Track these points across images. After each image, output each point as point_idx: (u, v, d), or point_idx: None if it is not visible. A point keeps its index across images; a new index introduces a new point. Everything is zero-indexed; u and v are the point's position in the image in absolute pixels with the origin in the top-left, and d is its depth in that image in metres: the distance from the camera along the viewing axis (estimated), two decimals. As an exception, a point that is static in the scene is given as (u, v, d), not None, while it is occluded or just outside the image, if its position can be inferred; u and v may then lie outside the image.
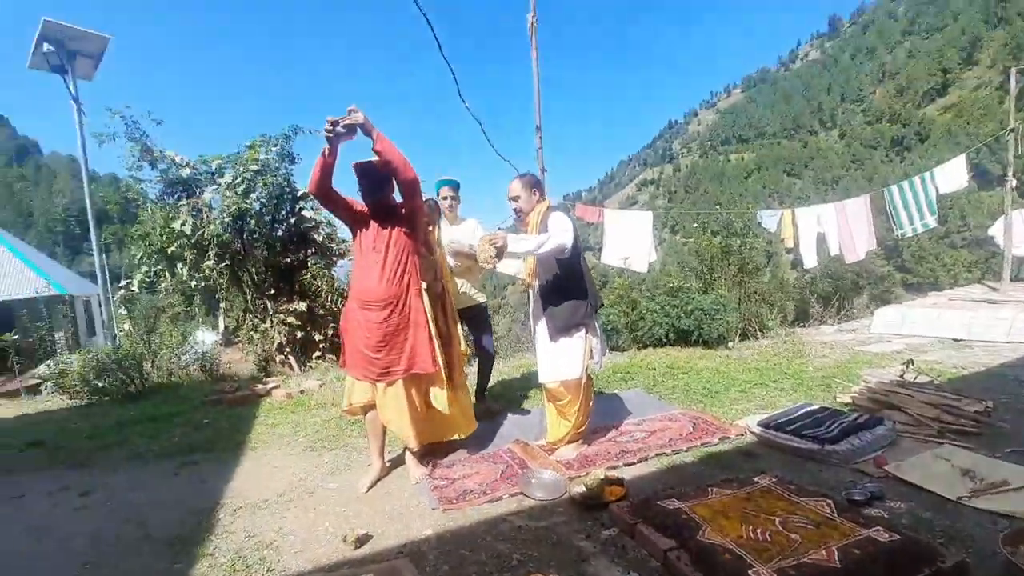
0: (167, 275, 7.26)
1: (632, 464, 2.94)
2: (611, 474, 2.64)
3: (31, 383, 6.35)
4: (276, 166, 7.15)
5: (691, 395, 4.23)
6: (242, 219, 6.98)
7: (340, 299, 7.64)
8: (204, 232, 6.82)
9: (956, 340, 5.57)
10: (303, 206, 7.39)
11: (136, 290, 7.59)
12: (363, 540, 2.28)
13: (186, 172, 7.02)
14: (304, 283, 7.79)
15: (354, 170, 2.75)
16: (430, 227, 3.38)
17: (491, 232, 2.84)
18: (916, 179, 7.37)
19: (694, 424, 3.46)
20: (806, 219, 7.77)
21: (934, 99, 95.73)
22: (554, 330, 2.99)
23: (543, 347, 3.07)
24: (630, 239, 7.73)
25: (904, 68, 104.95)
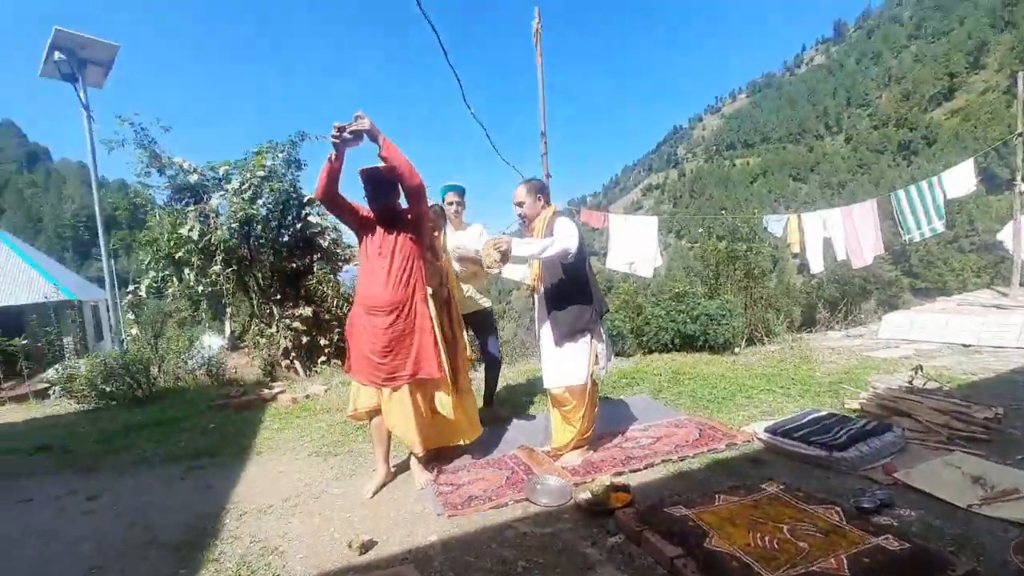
0: (174, 280, 7.32)
1: (638, 470, 2.92)
2: (617, 480, 2.62)
3: (39, 387, 6.41)
4: (283, 172, 7.20)
5: (697, 401, 4.21)
6: (249, 225, 7.04)
7: (345, 304, 7.67)
8: (211, 237, 6.88)
9: (965, 346, 5.53)
10: (309, 212, 7.43)
11: (144, 295, 7.65)
12: (368, 546, 2.27)
13: (194, 178, 7.09)
14: (310, 288, 7.82)
15: (360, 176, 2.77)
16: (435, 232, 3.39)
17: (495, 236, 2.84)
18: (923, 183, 7.34)
19: (700, 430, 3.44)
20: (812, 224, 7.74)
21: (941, 103, 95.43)
22: (559, 335, 2.98)
23: (548, 352, 3.06)
24: (635, 244, 7.73)
25: (910, 72, 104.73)
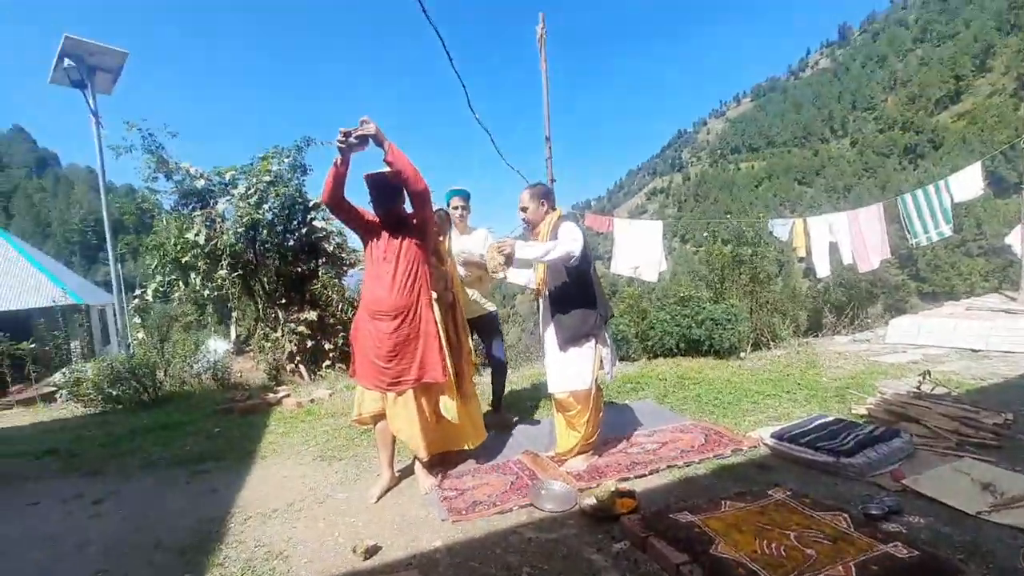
0: (181, 284, 7.38)
1: (643, 476, 2.91)
2: (622, 486, 2.61)
3: (46, 391, 6.45)
4: (288, 177, 7.25)
5: (703, 406, 4.18)
6: (254, 229, 7.08)
7: (350, 308, 7.69)
8: (217, 242, 6.93)
9: (974, 351, 5.48)
10: (314, 216, 7.47)
11: (150, 299, 7.71)
12: (372, 551, 2.27)
13: (200, 183, 7.14)
14: (315, 292, 7.85)
15: (366, 181, 2.78)
16: (440, 237, 3.39)
17: (499, 240, 2.85)
18: (930, 187, 7.29)
19: (706, 435, 3.42)
20: (818, 228, 7.70)
21: (947, 106, 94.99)
22: (563, 340, 2.97)
23: (552, 357, 3.06)
24: (640, 248, 7.71)
25: (916, 75, 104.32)
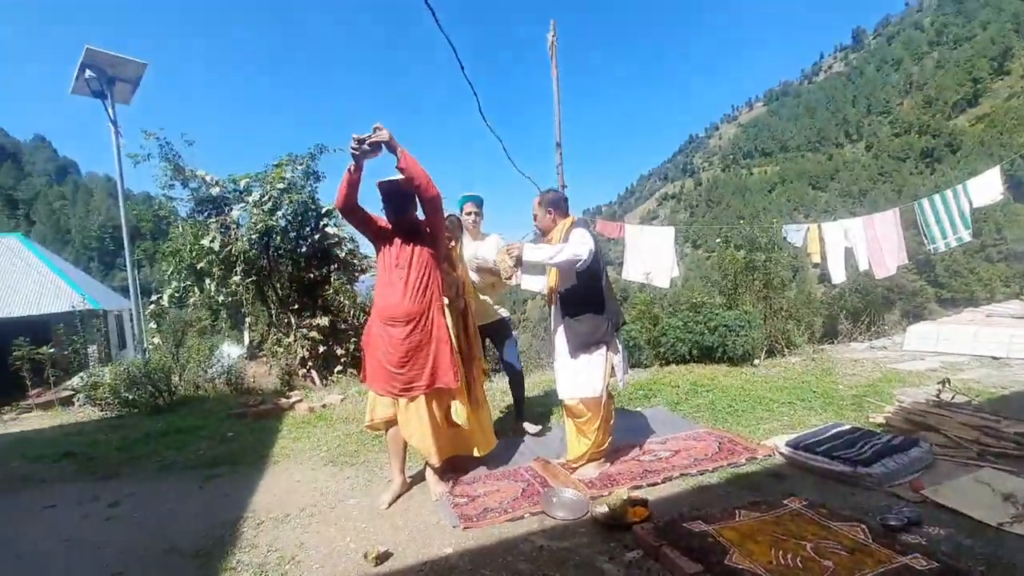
0: (196, 290, 7.48)
1: (656, 484, 2.88)
2: (635, 494, 2.59)
3: (64, 395, 6.55)
4: (301, 184, 7.34)
5: (716, 413, 4.14)
6: (268, 236, 7.17)
7: (362, 314, 7.74)
8: (232, 248, 7.02)
9: (995, 358, 5.36)
10: (327, 223, 7.54)
11: (166, 304, 7.82)
12: (384, 557, 2.27)
13: (215, 190, 7.25)
14: (327, 298, 7.91)
15: (378, 188, 2.80)
16: (452, 243, 3.40)
17: (509, 244, 2.85)
18: (948, 192, 7.16)
19: (720, 443, 3.38)
20: (833, 233, 7.60)
21: (964, 110, 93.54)
22: (574, 347, 2.96)
23: (563, 363, 3.05)
24: (652, 254, 7.67)
25: (932, 79, 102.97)
